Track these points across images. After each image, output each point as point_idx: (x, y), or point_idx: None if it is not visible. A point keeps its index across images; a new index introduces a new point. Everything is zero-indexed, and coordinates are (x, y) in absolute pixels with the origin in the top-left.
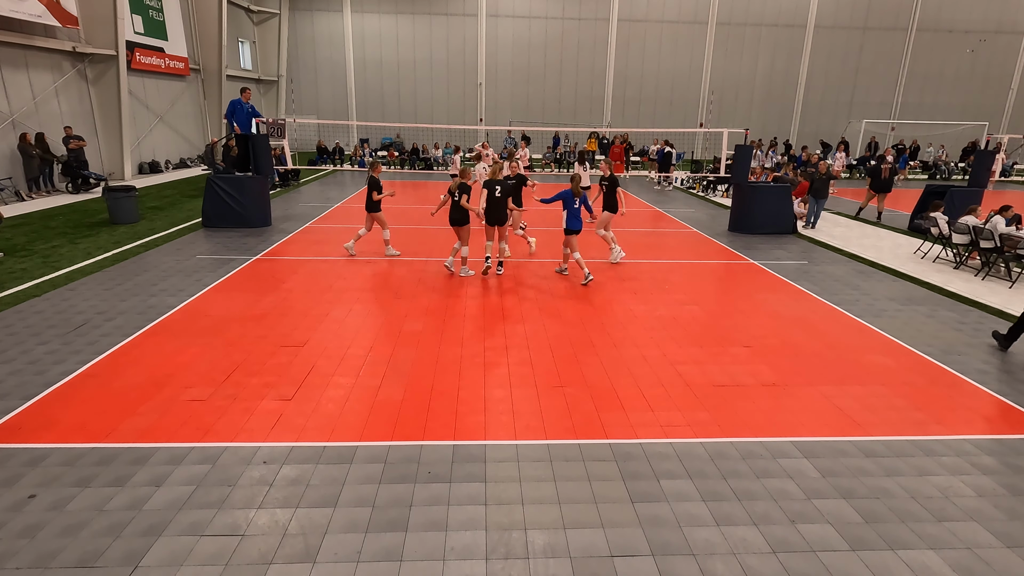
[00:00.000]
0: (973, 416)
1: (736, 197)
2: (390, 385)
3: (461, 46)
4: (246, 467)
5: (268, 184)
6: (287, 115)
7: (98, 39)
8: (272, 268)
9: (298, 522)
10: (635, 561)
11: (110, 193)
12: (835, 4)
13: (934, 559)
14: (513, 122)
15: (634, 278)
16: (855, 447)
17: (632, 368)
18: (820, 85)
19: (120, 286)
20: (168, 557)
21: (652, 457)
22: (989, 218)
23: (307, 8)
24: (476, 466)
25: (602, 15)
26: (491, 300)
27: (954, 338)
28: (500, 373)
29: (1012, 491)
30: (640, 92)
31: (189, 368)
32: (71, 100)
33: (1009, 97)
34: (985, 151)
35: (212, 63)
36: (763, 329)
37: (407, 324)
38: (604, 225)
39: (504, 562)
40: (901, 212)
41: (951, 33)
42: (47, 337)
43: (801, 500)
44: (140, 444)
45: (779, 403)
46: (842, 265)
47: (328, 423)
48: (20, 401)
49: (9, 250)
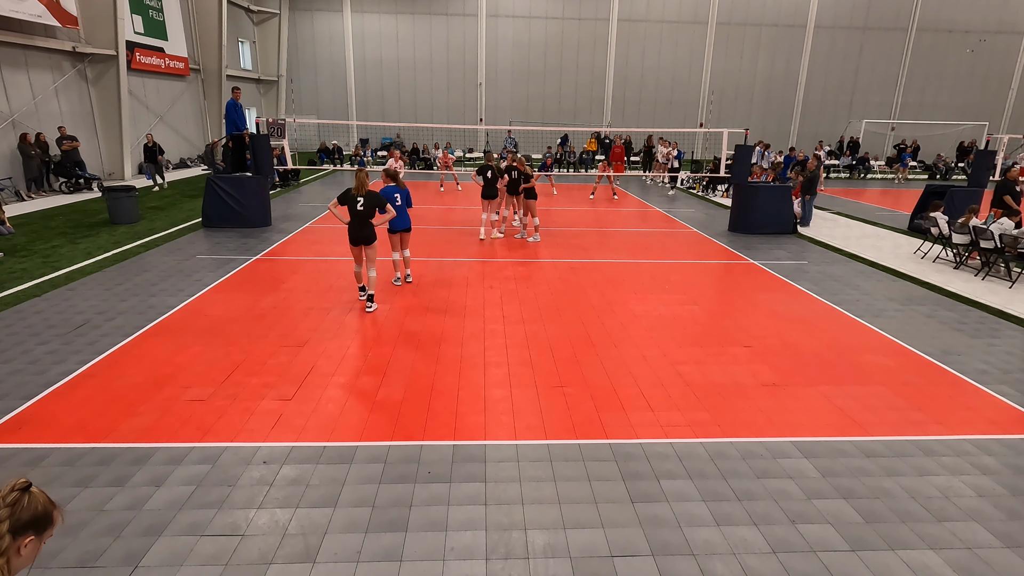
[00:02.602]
0: (973, 416)
1: (736, 197)
2: (390, 385)
3: (461, 46)
4: (246, 467)
5: (268, 184)
6: (287, 115)
7: (98, 39)
8: (272, 268)
9: (298, 522)
10: (635, 561)
11: (110, 193)
12: (835, 4)
13: (934, 559)
14: (513, 122)
15: (634, 278)
16: (855, 447)
17: (632, 368)
18: (820, 85)
19: (120, 286)
20: (168, 557)
21: (652, 457)
22: (989, 219)
23: (307, 8)
24: (476, 466)
25: (602, 15)
26: (491, 300)
27: (954, 338)
28: (500, 373)
29: (1012, 491)
30: (640, 92)
31: (189, 368)
32: (71, 100)
33: (1009, 97)
34: (985, 151)
35: (212, 63)
36: (763, 329)
37: (407, 324)
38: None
39: (504, 562)
40: (901, 212)
41: (951, 33)
42: (47, 337)
43: (801, 500)
44: (140, 444)
45: (779, 403)
46: (842, 265)
47: (328, 423)
48: (20, 401)
49: (9, 250)
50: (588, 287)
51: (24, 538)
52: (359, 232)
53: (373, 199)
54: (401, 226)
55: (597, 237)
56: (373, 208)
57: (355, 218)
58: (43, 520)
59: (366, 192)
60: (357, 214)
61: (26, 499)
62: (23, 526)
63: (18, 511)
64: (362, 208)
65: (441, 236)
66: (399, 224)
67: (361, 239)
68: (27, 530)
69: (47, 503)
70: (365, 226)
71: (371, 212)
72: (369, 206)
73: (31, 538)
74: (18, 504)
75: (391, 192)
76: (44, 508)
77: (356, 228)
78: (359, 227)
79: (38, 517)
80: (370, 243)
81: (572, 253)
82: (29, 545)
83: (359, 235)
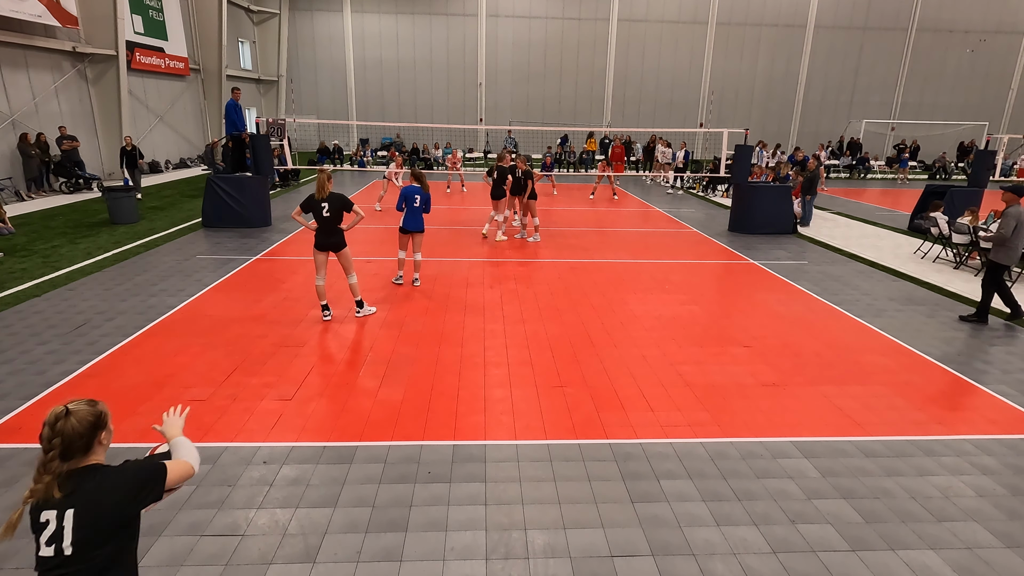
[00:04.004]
0: (973, 416)
1: (736, 197)
2: (390, 385)
3: (461, 46)
4: (246, 467)
5: (268, 184)
6: (287, 115)
7: (98, 39)
8: (272, 268)
9: (298, 522)
10: (635, 561)
11: (110, 193)
12: (835, 4)
13: (934, 559)
14: (513, 122)
15: (634, 278)
16: (855, 447)
17: (632, 368)
18: (820, 85)
19: (120, 286)
20: (168, 557)
21: (652, 457)
22: (989, 219)
23: (307, 8)
24: (476, 466)
25: (602, 15)
26: (491, 300)
27: (954, 338)
28: (500, 373)
29: (1012, 491)
30: (640, 92)
31: (189, 368)
32: (71, 100)
33: (1009, 97)
34: (985, 151)
35: (212, 63)
36: (763, 329)
37: (407, 324)
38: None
39: (504, 562)
40: (901, 212)
41: (951, 33)
42: (47, 337)
43: (801, 500)
44: (140, 444)
45: (779, 403)
46: (842, 265)
47: (328, 423)
48: (20, 401)
49: (9, 250)
50: (588, 287)
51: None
52: (326, 239)
53: (338, 202)
54: (414, 227)
55: (597, 237)
56: (340, 212)
57: (322, 224)
58: (98, 422)
59: (329, 195)
60: (323, 220)
61: (69, 422)
62: (85, 435)
63: (67, 438)
64: (328, 214)
65: (442, 236)
66: (412, 225)
67: (328, 245)
68: (96, 432)
69: (87, 413)
70: (333, 232)
71: (338, 217)
72: (335, 210)
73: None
74: (62, 431)
75: (412, 192)
76: (90, 417)
77: (323, 234)
78: (326, 233)
79: (87, 428)
80: (339, 250)
81: (572, 253)
82: (104, 439)
83: (326, 241)
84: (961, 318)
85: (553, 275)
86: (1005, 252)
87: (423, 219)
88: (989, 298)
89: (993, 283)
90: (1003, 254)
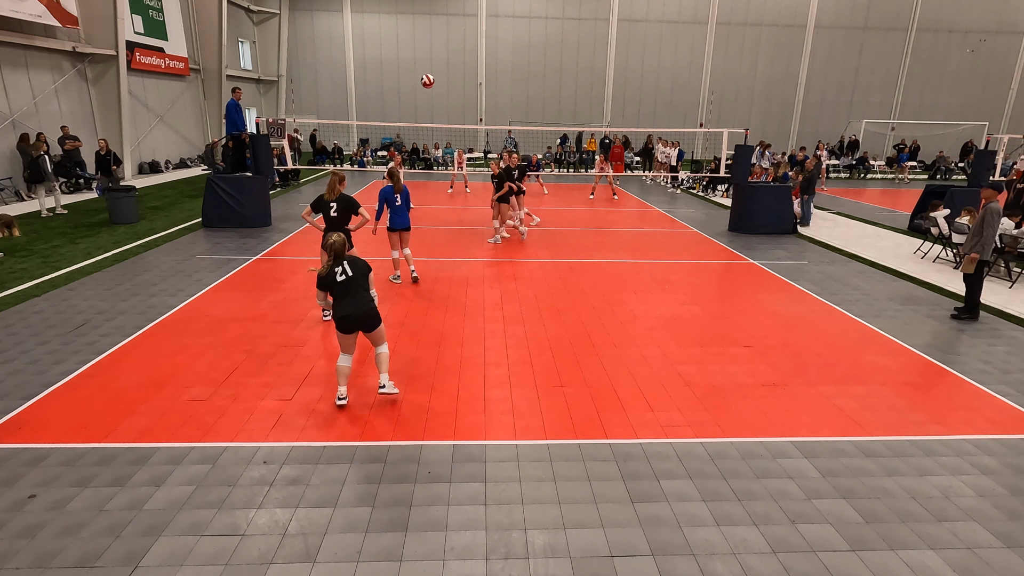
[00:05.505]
0: (973, 416)
1: (736, 197)
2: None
3: (461, 46)
4: (246, 467)
5: (268, 184)
6: (287, 115)
7: (98, 39)
8: (272, 268)
9: (298, 522)
10: (635, 561)
11: (110, 193)
12: (835, 4)
13: (934, 559)
14: (513, 122)
15: (634, 278)
16: (855, 447)
17: (632, 368)
18: (820, 85)
19: (120, 286)
20: (168, 557)
21: (652, 457)
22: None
23: (307, 8)
24: (476, 466)
25: (602, 15)
26: (491, 300)
27: (954, 338)
28: (500, 373)
29: (1012, 491)
30: (640, 92)
31: (189, 368)
32: (71, 100)
33: (1009, 97)
34: (985, 151)
35: (212, 63)
36: (763, 329)
37: (407, 323)
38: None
39: (504, 562)
40: (901, 212)
41: (951, 33)
42: (47, 337)
43: (801, 500)
44: (140, 444)
45: (779, 403)
46: (842, 265)
47: (328, 423)
48: (20, 401)
49: (9, 250)
50: (588, 287)
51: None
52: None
53: (346, 203)
54: (401, 225)
55: (597, 237)
56: (348, 213)
57: (330, 225)
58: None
59: (339, 196)
60: (331, 220)
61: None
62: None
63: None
64: (336, 214)
65: (442, 236)
66: (399, 223)
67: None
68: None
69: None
70: (341, 232)
71: (345, 218)
72: (343, 211)
73: None
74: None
75: (391, 192)
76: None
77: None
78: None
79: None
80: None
81: (572, 253)
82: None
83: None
84: (953, 315)
85: (553, 275)
86: (982, 246)
87: (408, 216)
88: (976, 292)
89: (977, 278)
90: (982, 248)
